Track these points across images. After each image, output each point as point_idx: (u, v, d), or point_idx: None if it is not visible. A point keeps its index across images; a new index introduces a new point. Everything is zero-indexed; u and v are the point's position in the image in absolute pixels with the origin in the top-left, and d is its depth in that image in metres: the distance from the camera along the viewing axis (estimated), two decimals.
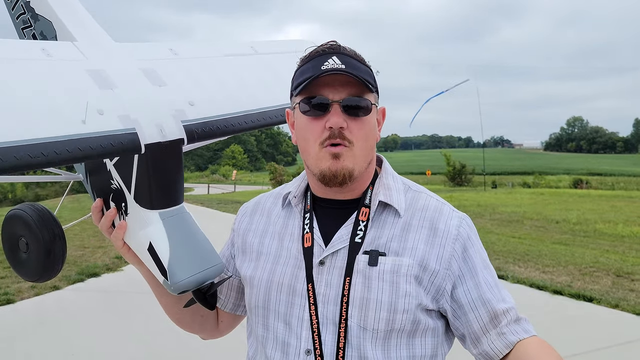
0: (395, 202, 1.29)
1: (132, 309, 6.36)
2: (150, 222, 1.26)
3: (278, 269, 1.31)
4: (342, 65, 1.21)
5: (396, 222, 1.27)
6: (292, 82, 1.31)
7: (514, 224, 14.47)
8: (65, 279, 7.82)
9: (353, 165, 1.23)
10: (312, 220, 1.32)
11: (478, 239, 1.31)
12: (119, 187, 1.30)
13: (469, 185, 39.38)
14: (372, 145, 1.29)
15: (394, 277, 1.20)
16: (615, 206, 19.26)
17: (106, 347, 5.15)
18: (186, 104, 1.30)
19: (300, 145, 1.30)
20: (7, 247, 1.46)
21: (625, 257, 9.58)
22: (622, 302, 6.51)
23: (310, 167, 1.27)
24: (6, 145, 0.97)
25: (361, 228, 1.26)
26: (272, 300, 1.29)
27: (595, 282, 7.61)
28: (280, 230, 1.37)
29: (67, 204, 22.05)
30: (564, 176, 54.89)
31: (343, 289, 1.22)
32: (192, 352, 4.94)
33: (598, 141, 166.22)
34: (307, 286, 1.25)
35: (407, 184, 1.36)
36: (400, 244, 1.24)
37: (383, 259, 1.22)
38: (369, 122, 1.26)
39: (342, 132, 1.21)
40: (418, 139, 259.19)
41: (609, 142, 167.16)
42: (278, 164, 50.12)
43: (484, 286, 1.26)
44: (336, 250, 1.25)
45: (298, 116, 1.28)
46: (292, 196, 1.37)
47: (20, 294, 7.02)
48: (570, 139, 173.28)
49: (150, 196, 1.26)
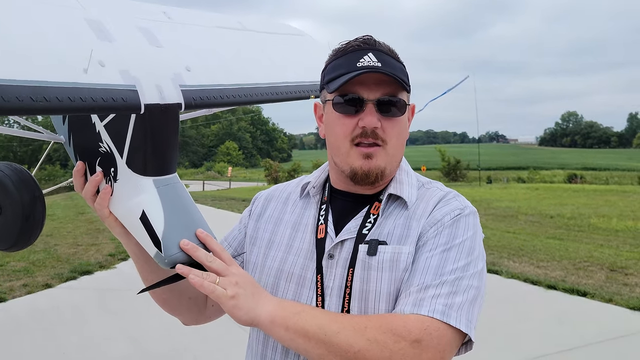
0: (406, 194, 1.27)
1: (125, 306, 6.32)
2: (143, 190, 1.18)
3: (289, 259, 1.30)
4: (379, 64, 1.19)
5: (402, 213, 1.26)
6: (323, 75, 1.29)
7: (509, 219, 14.50)
8: (58, 276, 7.78)
9: (385, 164, 1.23)
10: (328, 212, 1.32)
11: (461, 231, 1.21)
12: (108, 150, 1.20)
13: (463, 181, 39.41)
14: (403, 144, 1.29)
15: (393, 265, 1.19)
16: (609, 201, 19.31)
17: (99, 345, 5.12)
18: (183, 68, 1.24)
19: (328, 140, 1.29)
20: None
21: (619, 251, 9.61)
22: (616, 297, 6.53)
23: (339, 163, 1.27)
24: (9, 84, 0.89)
25: (370, 220, 1.25)
26: (281, 290, 1.28)
27: (589, 276, 7.62)
28: (296, 219, 1.36)
29: (61, 201, 21.95)
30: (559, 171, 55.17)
31: (346, 280, 1.21)
32: (185, 350, 4.92)
33: (592, 136, 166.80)
34: (316, 277, 1.25)
35: (422, 181, 1.35)
36: (403, 232, 1.22)
37: (383, 248, 1.20)
38: (402, 121, 1.25)
39: (376, 131, 1.20)
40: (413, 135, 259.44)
41: (604, 137, 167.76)
42: (273, 161, 50.08)
43: (421, 263, 1.18)
44: (342, 241, 1.25)
45: (329, 111, 1.27)
46: (310, 186, 1.37)
47: (12, 293, 6.97)
48: (565, 134, 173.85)
49: (145, 161, 1.17)
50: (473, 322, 1.15)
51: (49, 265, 8.56)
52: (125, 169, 1.18)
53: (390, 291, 1.18)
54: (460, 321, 1.12)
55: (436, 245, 1.19)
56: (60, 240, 11.18)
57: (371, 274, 1.19)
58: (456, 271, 1.16)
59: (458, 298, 1.13)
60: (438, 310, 1.11)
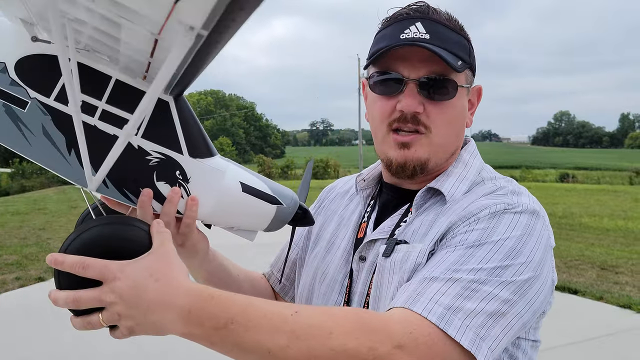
0: (447, 188, 1.05)
1: None
2: (223, 167, 1.06)
3: (328, 257, 1.17)
4: (426, 35, 0.99)
5: (437, 209, 1.05)
6: (370, 48, 1.10)
7: None
8: (51, 270, 7.71)
9: (428, 155, 1.04)
10: (374, 209, 1.16)
11: (501, 229, 0.94)
12: (162, 156, 1.01)
13: None
14: (457, 132, 1.09)
15: (402, 266, 1.01)
16: (600, 200, 19.45)
17: (92, 340, 5.10)
18: None
19: (370, 124, 1.13)
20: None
21: (610, 250, 9.68)
22: (606, 295, 6.58)
23: (378, 151, 1.12)
24: None
25: (406, 220, 1.08)
26: (315, 293, 1.16)
27: (581, 274, 7.68)
28: (343, 215, 1.23)
29: (53, 195, 21.83)
30: (551, 170, 55.44)
31: (368, 286, 1.06)
32: (179, 345, 4.90)
33: (585, 136, 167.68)
34: (347, 282, 1.10)
35: (485, 177, 1.10)
36: (429, 229, 1.02)
37: (399, 247, 1.02)
38: (454, 106, 1.05)
39: (417, 117, 1.02)
40: None
41: (595, 137, 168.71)
42: (266, 157, 50.03)
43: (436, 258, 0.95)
44: (371, 241, 1.09)
45: (369, 91, 1.11)
46: (360, 179, 1.21)
47: (4, 286, 6.94)
48: (557, 133, 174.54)
49: (204, 140, 1.05)
50: (487, 342, 0.84)
51: (42, 259, 8.51)
52: (192, 161, 1.03)
53: None
54: (464, 334, 0.82)
55: (463, 241, 0.93)
56: (53, 234, 11.11)
57: (384, 277, 1.02)
58: (479, 272, 0.88)
59: (470, 304, 0.85)
60: (435, 312, 0.83)
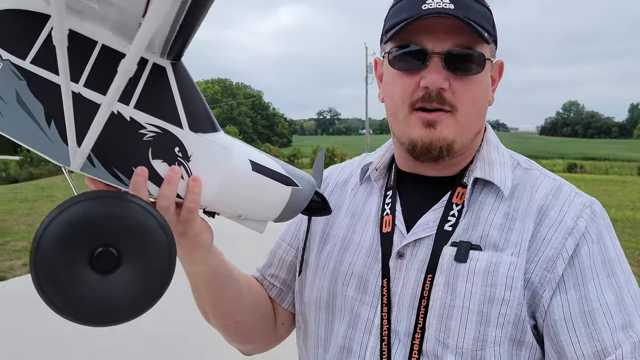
0: (498, 179, 1.01)
1: None
2: (229, 143, 0.91)
3: (347, 257, 1.07)
4: (450, 5, 0.93)
5: (498, 206, 0.99)
6: (384, 23, 1.04)
7: None
8: None
9: (454, 135, 0.98)
10: (395, 200, 1.07)
11: (608, 236, 1.00)
12: (158, 130, 0.86)
13: None
14: (481, 110, 1.02)
15: (488, 278, 0.93)
16: (608, 190, 19.35)
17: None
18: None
19: (386, 105, 1.05)
20: None
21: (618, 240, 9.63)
22: None
23: (397, 134, 1.03)
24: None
25: (454, 213, 1.00)
26: (339, 297, 1.06)
27: None
28: (356, 208, 1.13)
29: (61, 182, 21.91)
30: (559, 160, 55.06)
31: (422, 289, 0.97)
32: (179, 328, 4.87)
33: (593, 126, 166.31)
34: (381, 282, 1.01)
35: (517, 159, 1.08)
36: (502, 235, 0.96)
37: (476, 254, 0.95)
38: (480, 82, 0.99)
39: (442, 94, 0.95)
40: None
41: (604, 127, 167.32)
42: (273, 146, 50.05)
43: (594, 302, 0.91)
44: (418, 239, 1.00)
45: (387, 68, 1.03)
46: (372, 168, 1.13)
47: (13, 271, 6.98)
48: (566, 123, 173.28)
49: (207, 113, 0.90)
50: None
51: None
52: (193, 136, 0.89)
53: (483, 311, 0.92)
54: None
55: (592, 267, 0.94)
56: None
57: (458, 285, 0.94)
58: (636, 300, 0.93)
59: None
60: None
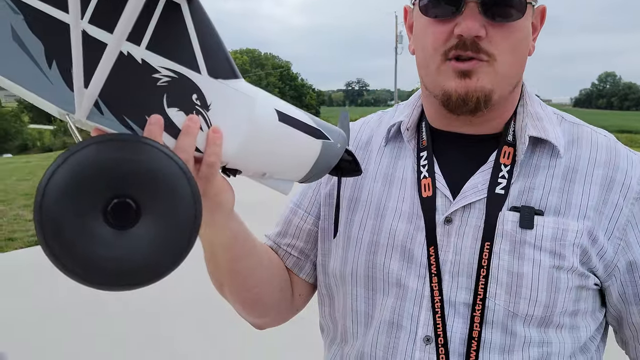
0: (553, 137, 0.96)
1: None
2: (254, 92, 0.83)
3: (385, 226, 1.00)
4: None
5: (554, 167, 0.95)
6: None
7: None
8: None
9: (492, 85, 0.92)
10: (432, 161, 1.00)
11: None
12: (174, 74, 0.78)
13: None
14: (521, 60, 0.97)
15: (556, 245, 0.90)
16: None
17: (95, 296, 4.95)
18: None
19: (417, 56, 0.99)
20: None
21: None
22: None
23: (429, 86, 0.97)
24: None
25: (504, 174, 0.95)
26: (378, 268, 0.99)
27: None
28: (386, 171, 1.05)
29: None
30: None
31: (480, 257, 0.92)
32: (176, 306, 4.79)
33: (631, 98, 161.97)
34: (427, 250, 0.95)
35: (559, 114, 1.04)
36: (562, 198, 0.93)
37: (541, 220, 0.91)
38: (520, 29, 0.93)
39: (478, 42, 0.90)
40: None
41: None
42: None
43: None
44: (469, 204, 0.95)
45: (417, 16, 0.97)
46: (404, 127, 1.04)
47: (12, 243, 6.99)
48: (601, 95, 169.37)
49: (227, 57, 0.82)
50: None
51: None
52: (213, 83, 0.80)
53: (553, 279, 0.90)
54: None
55: None
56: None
57: (526, 253, 0.90)
58: None
59: None
60: None
